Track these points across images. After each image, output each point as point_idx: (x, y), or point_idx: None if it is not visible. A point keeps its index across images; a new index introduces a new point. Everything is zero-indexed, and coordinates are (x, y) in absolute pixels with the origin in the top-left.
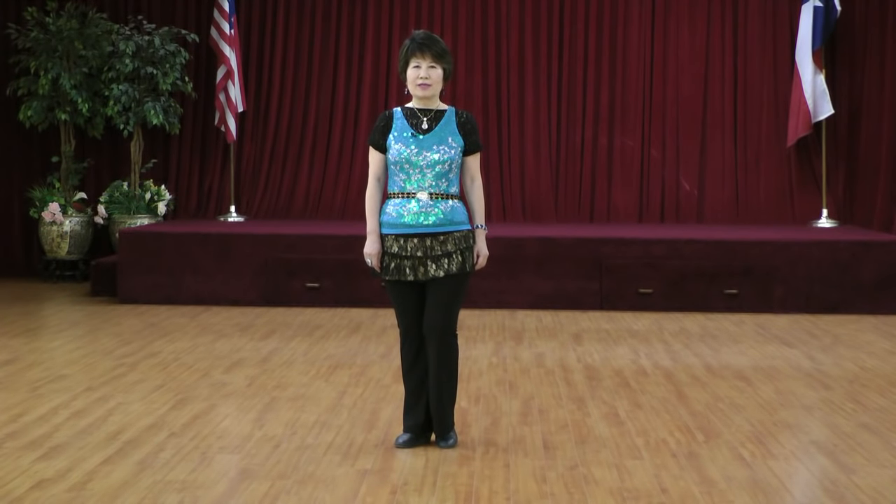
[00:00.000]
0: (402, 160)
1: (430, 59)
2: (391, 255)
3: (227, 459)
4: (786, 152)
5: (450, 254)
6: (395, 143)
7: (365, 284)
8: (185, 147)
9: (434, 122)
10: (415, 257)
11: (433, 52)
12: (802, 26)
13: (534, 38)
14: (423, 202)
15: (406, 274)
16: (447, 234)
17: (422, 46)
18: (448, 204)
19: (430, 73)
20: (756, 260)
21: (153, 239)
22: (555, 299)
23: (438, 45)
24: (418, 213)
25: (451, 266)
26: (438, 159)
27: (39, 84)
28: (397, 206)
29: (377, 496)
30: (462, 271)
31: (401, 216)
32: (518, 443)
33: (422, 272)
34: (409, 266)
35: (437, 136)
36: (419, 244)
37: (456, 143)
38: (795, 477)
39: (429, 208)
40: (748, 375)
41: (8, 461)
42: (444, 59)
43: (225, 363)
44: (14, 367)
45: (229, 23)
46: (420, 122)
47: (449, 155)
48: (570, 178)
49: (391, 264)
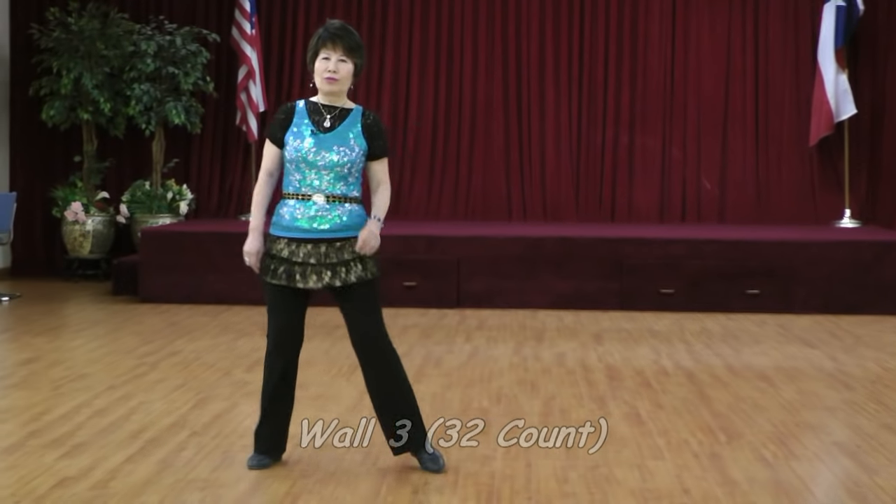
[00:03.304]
0: (299, 159)
1: (341, 52)
2: (280, 258)
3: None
4: (808, 152)
5: (346, 262)
6: (293, 140)
7: (385, 284)
8: (207, 147)
9: (337, 120)
10: (307, 264)
11: (345, 44)
12: (824, 25)
13: (554, 38)
14: (319, 205)
15: (296, 280)
16: (344, 241)
17: (334, 37)
18: (346, 208)
19: (339, 66)
20: (778, 260)
21: (175, 238)
22: (575, 299)
23: (353, 37)
24: (314, 217)
25: (349, 275)
26: (338, 161)
27: (62, 84)
28: (291, 209)
29: (398, 495)
30: (363, 280)
31: (294, 219)
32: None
33: (314, 280)
34: (299, 272)
35: (339, 135)
36: (313, 250)
37: (358, 146)
38: (818, 478)
39: (325, 212)
40: (770, 376)
41: (31, 459)
42: (357, 53)
43: (246, 362)
44: (36, 365)
45: (250, 22)
46: (322, 120)
47: (349, 157)
48: (590, 178)
49: (279, 268)
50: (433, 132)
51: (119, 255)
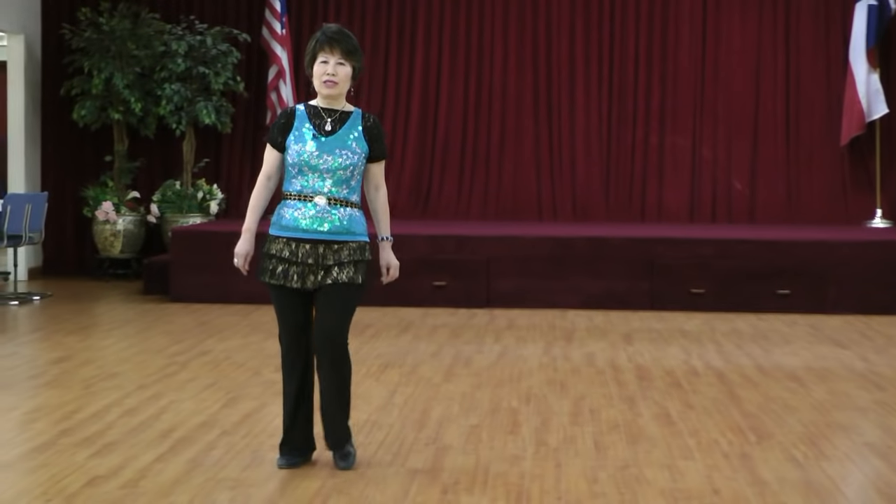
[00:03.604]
0: (302, 162)
1: (339, 56)
2: (279, 258)
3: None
4: (839, 152)
5: (342, 263)
6: (295, 144)
7: (415, 284)
8: (237, 146)
9: (338, 123)
10: (305, 264)
11: (343, 48)
12: (856, 25)
13: (584, 38)
14: (320, 207)
15: (293, 280)
16: (342, 244)
17: (331, 41)
18: (346, 211)
19: (337, 69)
20: (808, 260)
21: (205, 238)
22: (605, 299)
23: (350, 41)
24: (314, 219)
25: (340, 275)
26: (340, 164)
27: (93, 84)
28: (292, 209)
29: (428, 495)
30: (352, 282)
31: (295, 219)
32: (569, 442)
33: (311, 281)
34: (297, 273)
35: (341, 139)
36: (311, 251)
37: (360, 149)
38: (849, 478)
39: (325, 214)
40: (801, 376)
41: (62, 458)
42: (354, 56)
43: (276, 362)
44: (68, 364)
45: (281, 22)
46: (323, 123)
47: (351, 160)
48: (620, 178)
49: (278, 268)
50: (463, 132)
51: (149, 255)
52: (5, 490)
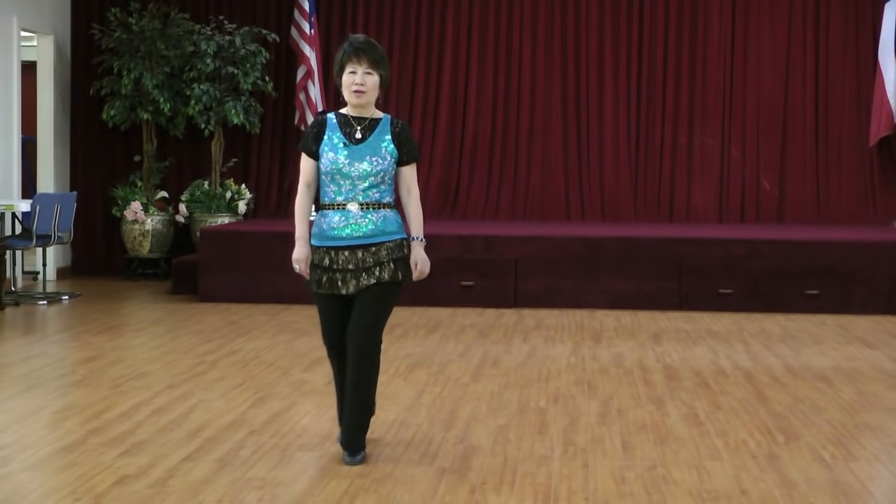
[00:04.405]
0: (335, 171)
1: (366, 65)
2: (323, 268)
3: (307, 457)
4: (868, 152)
5: (382, 262)
6: (328, 152)
7: (443, 283)
8: (266, 146)
9: (368, 131)
10: (346, 270)
11: (370, 57)
12: (885, 25)
13: (613, 38)
14: (353, 213)
15: (339, 287)
16: (379, 245)
17: (358, 51)
18: (380, 214)
19: (365, 79)
20: (837, 260)
21: (233, 237)
22: (633, 299)
23: (376, 50)
24: (349, 225)
25: (382, 274)
26: (371, 171)
27: (122, 84)
28: (328, 219)
29: (455, 495)
30: (394, 279)
31: (332, 228)
32: (597, 443)
33: (354, 285)
34: (340, 279)
35: (371, 146)
36: (350, 256)
37: (390, 155)
38: (877, 479)
39: (360, 219)
40: (829, 377)
41: (91, 457)
42: (382, 65)
43: (304, 361)
44: (97, 364)
45: (310, 22)
46: (353, 131)
47: (382, 166)
48: (649, 178)
49: (323, 277)
50: (491, 132)
51: (178, 255)
52: (34, 489)
